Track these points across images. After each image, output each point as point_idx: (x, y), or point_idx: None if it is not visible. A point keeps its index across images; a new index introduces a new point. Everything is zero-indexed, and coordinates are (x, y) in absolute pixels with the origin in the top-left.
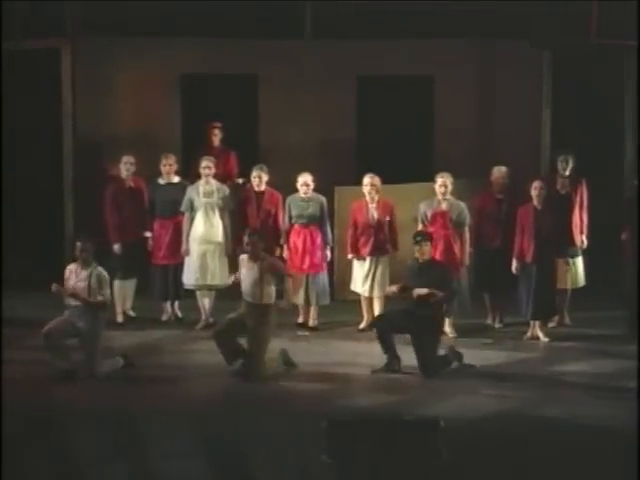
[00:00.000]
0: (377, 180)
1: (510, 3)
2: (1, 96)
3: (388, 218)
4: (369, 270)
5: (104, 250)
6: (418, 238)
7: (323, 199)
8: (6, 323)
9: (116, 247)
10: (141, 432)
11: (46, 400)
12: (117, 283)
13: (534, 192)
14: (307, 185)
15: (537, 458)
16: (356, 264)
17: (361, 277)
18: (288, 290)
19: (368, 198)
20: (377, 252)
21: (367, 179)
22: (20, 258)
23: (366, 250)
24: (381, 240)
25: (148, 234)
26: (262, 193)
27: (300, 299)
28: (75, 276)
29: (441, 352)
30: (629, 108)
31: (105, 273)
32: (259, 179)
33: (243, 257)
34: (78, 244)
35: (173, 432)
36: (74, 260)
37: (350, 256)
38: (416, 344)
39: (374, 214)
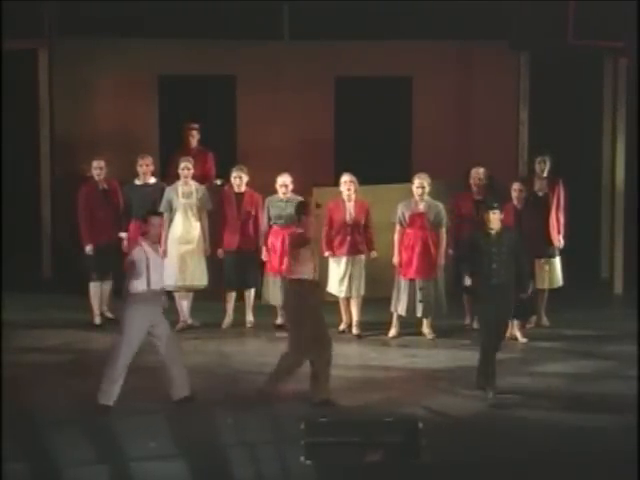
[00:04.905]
0: (355, 179)
1: (489, 4)
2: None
3: (364, 218)
4: (345, 271)
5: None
6: (495, 205)
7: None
8: None
9: (88, 248)
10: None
11: None
12: (93, 285)
13: (514, 194)
14: (286, 186)
15: (513, 459)
16: (332, 265)
17: (337, 278)
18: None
19: (345, 197)
20: (353, 252)
21: (345, 177)
22: None
23: (342, 250)
24: (357, 240)
25: (123, 235)
26: (242, 194)
27: (278, 300)
28: None
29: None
30: (607, 108)
31: None
32: (240, 179)
33: None
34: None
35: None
36: None
37: (326, 254)
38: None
39: (351, 213)
